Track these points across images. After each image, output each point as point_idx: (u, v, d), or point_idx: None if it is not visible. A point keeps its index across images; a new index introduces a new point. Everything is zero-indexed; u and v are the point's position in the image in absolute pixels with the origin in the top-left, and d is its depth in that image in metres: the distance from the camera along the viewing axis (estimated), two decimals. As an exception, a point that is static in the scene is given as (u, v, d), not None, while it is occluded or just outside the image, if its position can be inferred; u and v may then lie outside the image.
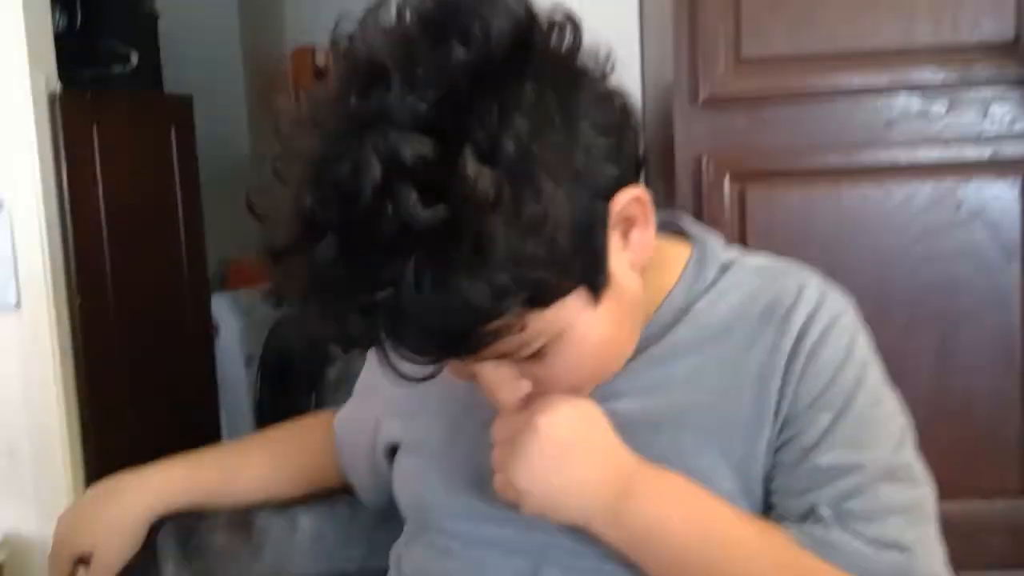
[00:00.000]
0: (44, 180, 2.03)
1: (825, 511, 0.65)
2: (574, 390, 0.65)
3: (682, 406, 0.69)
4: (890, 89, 1.36)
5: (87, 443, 2.13)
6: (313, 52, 3.96)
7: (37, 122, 2.02)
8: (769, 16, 1.38)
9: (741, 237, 1.42)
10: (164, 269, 2.47)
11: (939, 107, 1.36)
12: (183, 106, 2.61)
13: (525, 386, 0.63)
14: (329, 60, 0.59)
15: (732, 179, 1.42)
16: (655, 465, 0.66)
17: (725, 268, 0.73)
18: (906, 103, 1.37)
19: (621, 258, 0.62)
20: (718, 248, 0.75)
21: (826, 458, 0.66)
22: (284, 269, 0.56)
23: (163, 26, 3.19)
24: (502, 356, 0.59)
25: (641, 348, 0.69)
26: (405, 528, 0.82)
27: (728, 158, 1.42)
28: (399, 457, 0.81)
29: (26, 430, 2.05)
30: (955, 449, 1.38)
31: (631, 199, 0.60)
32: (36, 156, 2.03)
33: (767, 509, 0.68)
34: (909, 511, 0.68)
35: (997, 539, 1.43)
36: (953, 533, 1.41)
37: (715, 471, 0.67)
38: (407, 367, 0.58)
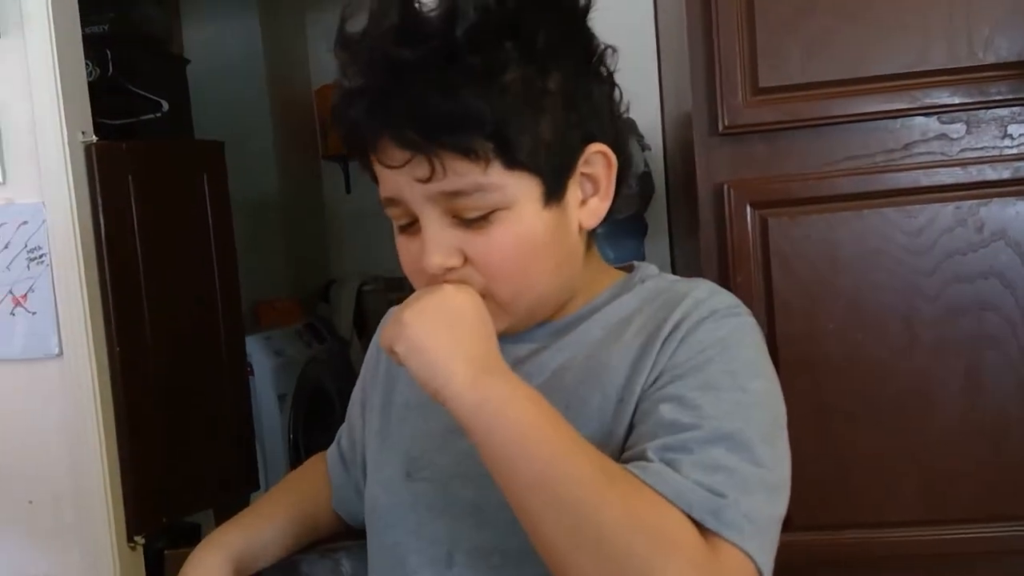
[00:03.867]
0: (82, 231, 2.10)
1: (652, 456, 0.66)
2: (492, 282, 0.72)
3: (579, 366, 0.77)
4: (907, 112, 1.37)
5: (126, 488, 2.17)
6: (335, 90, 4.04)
7: (74, 173, 2.09)
8: (784, 44, 1.39)
9: (765, 264, 1.42)
10: (200, 313, 2.52)
11: (957, 128, 1.37)
12: (215, 152, 2.68)
13: (455, 259, 0.71)
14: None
15: (753, 207, 1.42)
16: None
17: (644, 280, 0.83)
18: (924, 125, 1.37)
19: (575, 211, 0.75)
20: (649, 268, 0.86)
21: (670, 413, 0.69)
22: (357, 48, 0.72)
23: (191, 71, 3.26)
24: (454, 192, 0.68)
25: (559, 324, 0.80)
26: None
27: (749, 187, 1.43)
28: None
29: (69, 476, 2.10)
30: (987, 473, 1.37)
31: (601, 151, 0.74)
32: (74, 207, 2.09)
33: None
34: (737, 476, 0.66)
35: (1033, 563, 1.41)
36: (987, 559, 1.40)
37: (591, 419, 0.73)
38: (384, 159, 0.70)
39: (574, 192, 0.74)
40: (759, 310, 1.42)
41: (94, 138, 2.19)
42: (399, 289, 2.93)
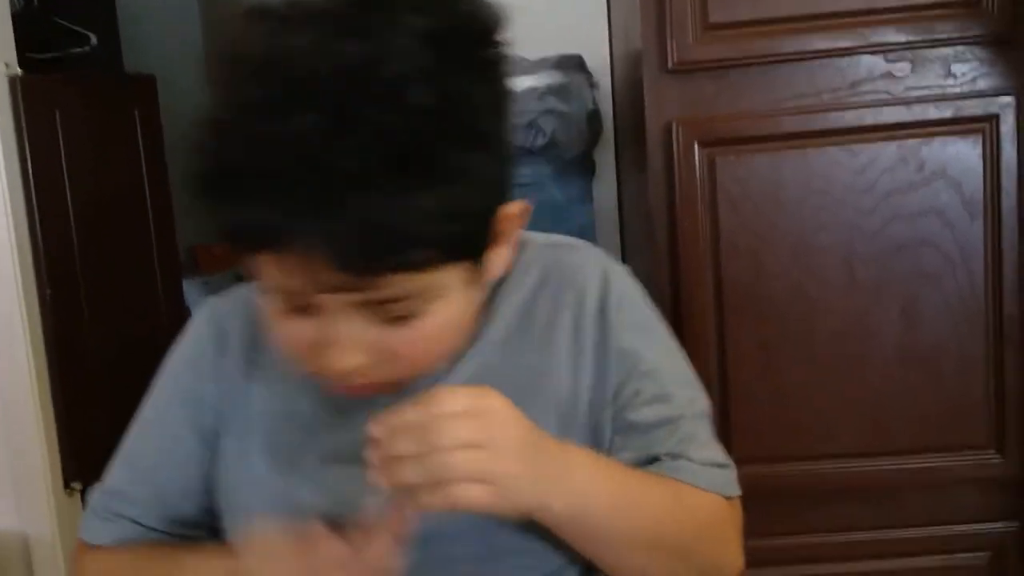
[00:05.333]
0: (7, 167, 2.01)
1: (666, 457, 0.72)
2: (406, 369, 0.64)
3: (498, 375, 0.69)
4: (854, 51, 1.37)
5: (62, 433, 2.12)
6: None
7: (-2, 107, 1.98)
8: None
9: (712, 202, 1.43)
10: (135, 255, 2.44)
11: (903, 67, 1.38)
12: (146, 87, 2.58)
13: (370, 356, 0.61)
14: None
15: (701, 145, 1.42)
16: None
17: (521, 247, 0.74)
18: (870, 64, 1.38)
19: (486, 267, 0.66)
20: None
21: (656, 414, 0.72)
22: (263, 131, 0.54)
23: (119, 2, 3.12)
24: (377, 304, 0.58)
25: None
26: None
27: (697, 125, 1.43)
28: None
29: (1, 424, 2.04)
30: (924, 406, 1.41)
31: (519, 211, 0.65)
32: (-2, 143, 2.00)
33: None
34: (716, 440, 0.76)
35: (967, 493, 1.47)
36: (926, 488, 1.46)
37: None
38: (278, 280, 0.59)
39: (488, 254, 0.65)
40: (706, 250, 1.43)
41: (18, 71, 2.08)
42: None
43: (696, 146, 1.42)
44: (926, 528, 1.47)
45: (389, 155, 0.53)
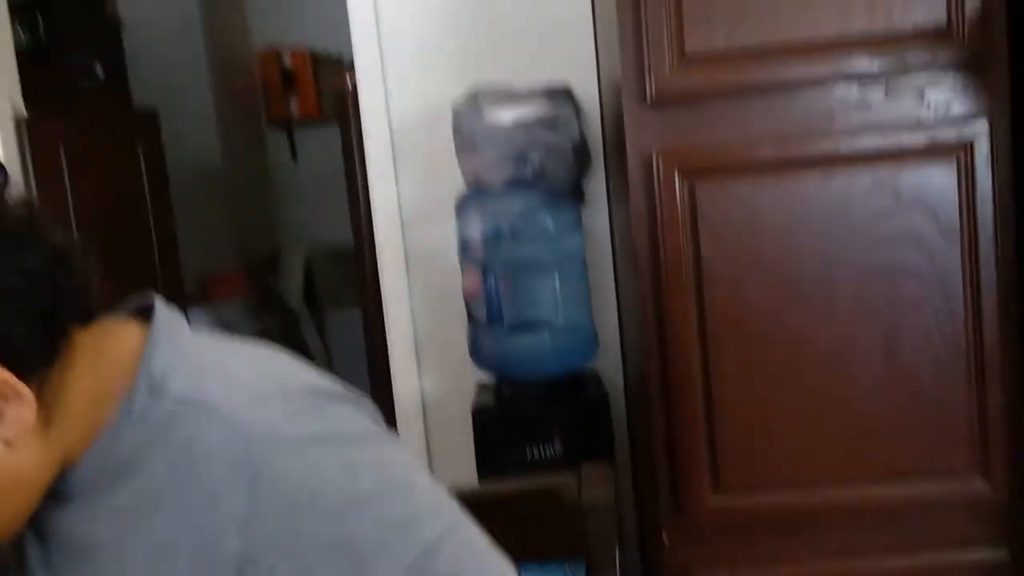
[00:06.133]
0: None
1: None
2: None
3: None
4: (828, 79, 1.38)
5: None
6: (279, 55, 3.96)
7: (4, 150, 2.03)
8: (710, 11, 1.40)
9: (694, 232, 1.44)
10: (139, 287, 2.48)
11: (877, 95, 1.39)
12: (150, 122, 2.63)
13: None
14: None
15: (681, 175, 1.44)
16: None
17: (154, 393, 0.64)
18: (845, 93, 1.39)
19: None
20: (160, 360, 0.66)
21: None
22: None
23: (126, 35, 3.17)
24: None
25: (76, 493, 0.65)
26: None
27: (677, 155, 1.45)
28: None
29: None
30: (907, 431, 1.42)
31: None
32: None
33: None
34: None
35: (953, 517, 1.47)
36: (911, 514, 1.46)
37: None
38: None
39: None
40: (688, 277, 1.45)
41: (24, 113, 2.13)
42: (346, 259, 2.92)
43: (676, 176, 1.44)
44: (914, 554, 1.47)
45: None
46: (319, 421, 0.64)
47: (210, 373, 0.66)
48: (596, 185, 1.99)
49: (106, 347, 0.66)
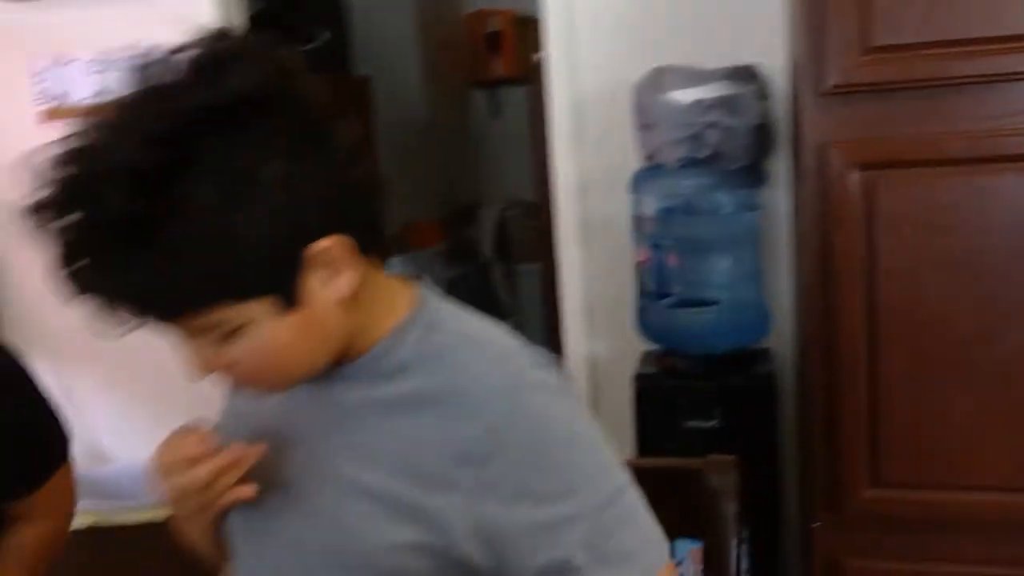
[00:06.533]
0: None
1: (580, 558, 0.73)
2: (255, 380, 0.77)
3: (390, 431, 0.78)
4: (1021, 75, 1.31)
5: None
6: (486, 17, 4.10)
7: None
8: (901, 3, 1.36)
9: (868, 226, 1.42)
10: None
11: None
12: (362, 89, 2.80)
13: (216, 366, 0.75)
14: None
15: (859, 168, 1.42)
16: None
17: (430, 329, 0.80)
18: (1043, 88, 1.32)
19: (324, 292, 0.74)
20: (433, 305, 0.83)
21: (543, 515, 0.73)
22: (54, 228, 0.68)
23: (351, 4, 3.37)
24: (199, 331, 0.72)
25: (366, 362, 0.80)
26: None
27: (855, 147, 1.43)
28: None
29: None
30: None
31: (329, 246, 0.71)
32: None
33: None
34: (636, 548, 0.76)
35: None
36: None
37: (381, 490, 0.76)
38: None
39: (315, 281, 0.73)
40: (859, 270, 1.43)
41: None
42: (537, 215, 3.04)
43: (853, 168, 1.42)
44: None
45: (128, 237, 0.66)
46: (550, 375, 0.79)
47: (473, 324, 0.83)
48: (782, 165, 1.97)
49: (390, 282, 0.83)
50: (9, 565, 1.15)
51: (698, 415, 1.82)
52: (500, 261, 3.87)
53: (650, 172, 1.91)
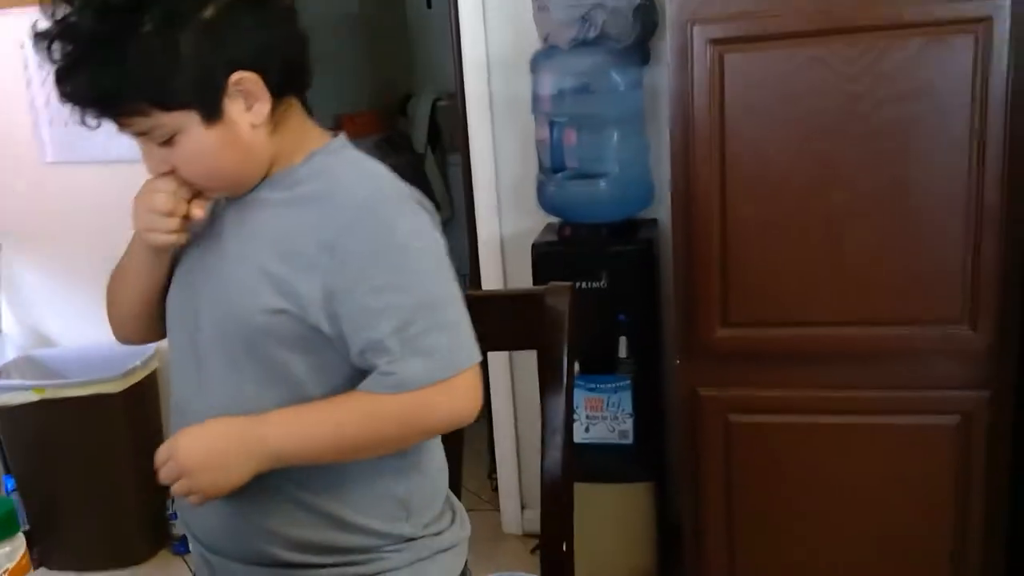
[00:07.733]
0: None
1: (392, 343, 0.93)
2: (201, 183, 0.98)
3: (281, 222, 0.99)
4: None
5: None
6: (417, -94, 4.09)
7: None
8: None
9: (721, 96, 1.60)
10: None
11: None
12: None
13: (165, 167, 0.97)
14: None
15: (714, 44, 1.58)
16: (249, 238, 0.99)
17: (329, 154, 1.02)
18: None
19: (244, 116, 0.95)
20: (340, 141, 1.04)
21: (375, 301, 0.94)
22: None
23: None
24: (143, 134, 0.94)
25: (277, 176, 1.01)
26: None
27: (710, 24, 1.59)
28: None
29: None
30: (904, 282, 1.59)
31: (244, 78, 0.93)
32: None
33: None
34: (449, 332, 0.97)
35: (941, 362, 1.63)
36: (902, 356, 1.63)
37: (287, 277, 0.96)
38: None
39: (234, 106, 0.94)
40: (715, 136, 1.61)
41: None
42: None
43: (707, 44, 1.58)
44: (900, 391, 1.65)
45: (94, 52, 0.90)
46: (411, 199, 0.99)
47: (367, 161, 1.03)
48: (664, 44, 2.12)
49: (312, 125, 1.05)
50: None
51: (588, 278, 2.02)
52: (434, 152, 3.99)
53: (546, 53, 2.05)
